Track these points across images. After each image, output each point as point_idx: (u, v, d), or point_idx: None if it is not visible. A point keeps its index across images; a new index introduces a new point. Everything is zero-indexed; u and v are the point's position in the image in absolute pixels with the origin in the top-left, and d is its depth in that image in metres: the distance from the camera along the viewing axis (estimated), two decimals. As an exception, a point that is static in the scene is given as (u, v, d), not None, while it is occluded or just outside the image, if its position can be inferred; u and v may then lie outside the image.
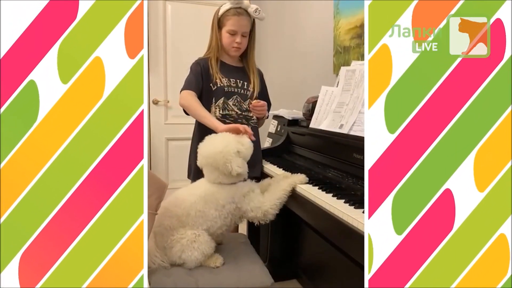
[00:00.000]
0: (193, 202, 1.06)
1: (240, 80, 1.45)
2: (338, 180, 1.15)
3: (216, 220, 1.07)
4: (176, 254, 1.04)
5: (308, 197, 1.04)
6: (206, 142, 1.12)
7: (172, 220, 1.05)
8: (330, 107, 1.40)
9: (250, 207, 1.09)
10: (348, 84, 1.35)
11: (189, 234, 1.03)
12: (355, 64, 1.41)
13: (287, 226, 1.73)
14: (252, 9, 1.40)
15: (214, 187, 1.09)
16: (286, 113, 1.73)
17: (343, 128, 1.25)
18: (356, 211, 0.86)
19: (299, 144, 1.58)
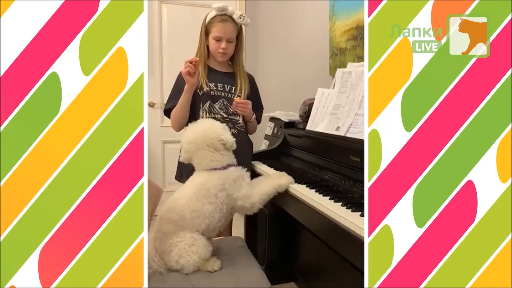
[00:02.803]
0: (184, 204, 1.05)
1: (227, 85, 1.48)
2: (335, 183, 1.15)
3: (213, 215, 1.07)
4: (174, 258, 1.03)
5: (305, 200, 1.04)
6: (190, 128, 1.16)
7: (169, 225, 1.04)
8: (326, 109, 1.40)
9: (239, 195, 1.10)
10: (344, 86, 1.35)
11: (188, 238, 1.03)
12: (351, 66, 1.41)
13: (285, 229, 1.73)
14: (236, 15, 1.44)
15: (204, 177, 1.09)
16: (282, 115, 1.72)
17: (340, 130, 1.24)
18: (353, 215, 0.86)
19: (296, 146, 1.57)
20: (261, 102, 1.62)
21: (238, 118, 1.49)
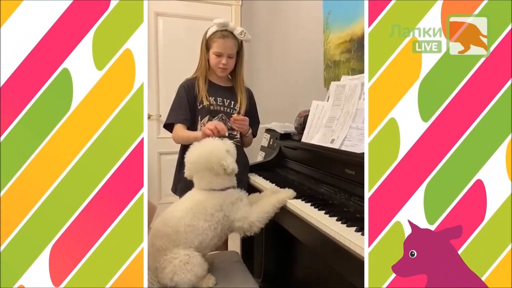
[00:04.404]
0: (180, 218, 1.04)
1: (226, 99, 1.48)
2: (331, 196, 1.15)
3: (207, 232, 1.05)
4: (168, 275, 1.01)
5: (300, 214, 1.04)
6: (194, 148, 1.14)
7: (163, 240, 1.03)
8: (321, 121, 1.40)
9: (237, 217, 1.08)
10: (339, 99, 1.35)
11: (182, 255, 1.01)
12: (345, 79, 1.42)
13: (282, 241, 1.72)
14: (237, 31, 1.44)
15: (203, 196, 1.08)
16: (278, 127, 1.73)
17: (334, 143, 1.25)
18: (348, 230, 0.85)
19: (292, 159, 1.57)
20: (258, 116, 1.63)
21: (236, 133, 1.49)
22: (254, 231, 1.10)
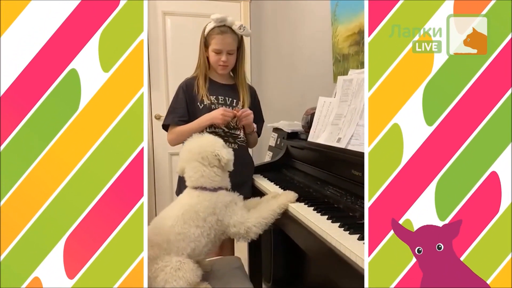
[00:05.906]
0: (170, 226, 0.99)
1: (228, 98, 1.42)
2: (337, 199, 1.07)
3: (199, 239, 1.00)
4: (160, 284, 0.97)
5: (301, 219, 0.97)
6: (190, 139, 1.11)
7: (154, 249, 0.99)
8: (328, 119, 1.33)
9: (232, 222, 1.02)
10: (346, 95, 1.27)
11: (174, 262, 0.97)
12: (352, 73, 1.34)
13: (291, 244, 1.65)
14: (236, 26, 1.37)
15: (194, 199, 1.02)
16: (285, 126, 1.66)
17: (341, 142, 1.17)
18: (350, 237, 0.78)
19: (298, 159, 1.50)
20: (262, 115, 1.56)
21: (239, 132, 1.43)
22: (251, 237, 1.04)
